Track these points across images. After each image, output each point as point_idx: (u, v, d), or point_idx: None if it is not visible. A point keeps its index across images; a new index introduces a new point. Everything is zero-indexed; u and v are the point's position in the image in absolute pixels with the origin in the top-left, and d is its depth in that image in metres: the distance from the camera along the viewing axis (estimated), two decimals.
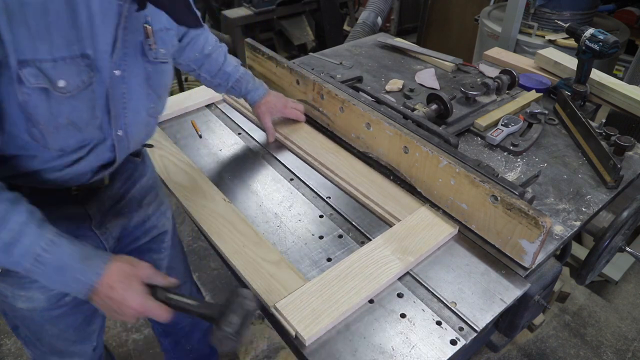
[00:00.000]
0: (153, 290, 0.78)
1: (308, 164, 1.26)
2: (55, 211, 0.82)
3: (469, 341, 0.81)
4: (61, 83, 0.70)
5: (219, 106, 1.53)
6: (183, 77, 3.54)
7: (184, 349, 1.47)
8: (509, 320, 1.04)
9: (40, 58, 0.66)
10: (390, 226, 1.03)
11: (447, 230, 1.01)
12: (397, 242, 0.97)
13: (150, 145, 1.11)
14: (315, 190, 1.17)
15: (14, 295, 0.92)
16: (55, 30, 0.66)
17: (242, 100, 1.51)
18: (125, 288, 0.75)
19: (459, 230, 1.03)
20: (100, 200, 0.94)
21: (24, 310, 0.94)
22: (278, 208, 1.11)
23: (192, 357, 1.50)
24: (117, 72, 0.78)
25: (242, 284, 0.96)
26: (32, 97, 0.69)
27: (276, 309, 0.84)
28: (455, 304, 0.87)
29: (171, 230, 1.20)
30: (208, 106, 1.54)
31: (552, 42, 2.18)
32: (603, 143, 1.20)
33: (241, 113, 1.49)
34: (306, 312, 0.83)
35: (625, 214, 1.05)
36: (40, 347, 1.04)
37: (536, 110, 1.38)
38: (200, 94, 1.55)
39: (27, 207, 0.72)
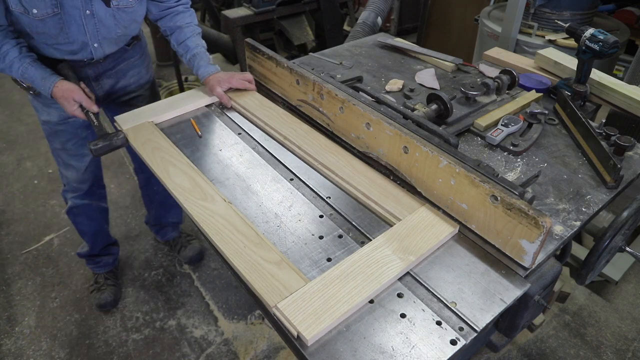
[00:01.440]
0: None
1: (308, 164, 1.26)
2: (65, 64, 1.46)
3: (469, 341, 0.81)
4: (34, 11, 1.26)
5: (218, 106, 1.53)
6: (183, 77, 3.54)
7: (152, 189, 2.04)
8: (509, 320, 1.04)
9: None
10: (391, 226, 1.03)
11: (448, 229, 1.01)
12: (397, 242, 0.97)
13: (138, 39, 1.64)
14: (315, 190, 1.17)
15: (41, 110, 1.57)
16: None
17: (241, 101, 1.51)
18: (68, 88, 1.39)
19: (459, 230, 1.03)
20: (97, 66, 1.54)
21: (45, 122, 1.60)
22: (278, 208, 1.11)
23: (157, 199, 2.09)
24: (87, 12, 1.34)
25: (243, 284, 0.96)
26: (17, 14, 1.28)
27: (277, 309, 0.84)
28: (455, 304, 0.87)
29: (148, 95, 1.79)
30: (208, 106, 1.54)
31: (552, 42, 2.18)
32: (603, 143, 1.20)
33: (241, 114, 1.49)
34: (308, 313, 0.83)
35: (625, 214, 1.05)
36: (56, 153, 1.70)
37: (536, 110, 1.38)
38: (200, 94, 1.55)
39: (20, 48, 1.35)
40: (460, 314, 0.86)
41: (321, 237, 1.03)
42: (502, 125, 1.33)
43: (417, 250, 0.95)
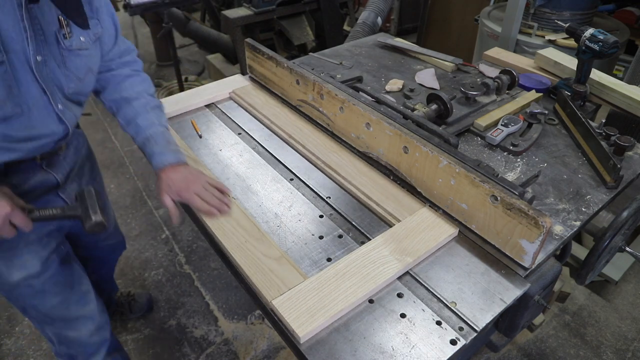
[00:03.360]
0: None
1: (311, 163, 1.26)
2: (28, 179, 1.03)
3: (468, 341, 0.81)
4: None
5: (218, 106, 1.53)
6: (183, 77, 3.54)
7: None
8: (508, 320, 1.04)
9: None
10: (391, 226, 1.03)
11: (447, 231, 1.00)
12: (396, 243, 0.97)
13: (88, 114, 1.29)
14: (315, 190, 1.17)
15: (8, 268, 1.06)
16: None
17: (247, 98, 1.51)
18: None
19: (458, 231, 1.03)
20: (62, 166, 1.12)
21: (21, 282, 1.09)
22: (278, 208, 1.11)
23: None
24: (39, 58, 0.91)
25: (243, 283, 0.96)
26: None
27: (273, 305, 0.85)
28: (455, 303, 0.88)
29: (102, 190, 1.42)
30: (208, 106, 1.54)
31: (552, 42, 2.18)
32: (603, 143, 1.20)
33: (247, 110, 1.49)
34: (302, 310, 0.83)
35: (625, 214, 1.05)
36: (50, 322, 1.19)
37: (536, 110, 1.39)
38: (200, 94, 1.55)
39: None
40: (460, 314, 0.86)
41: (321, 237, 1.03)
42: (502, 125, 1.33)
43: (414, 251, 0.95)
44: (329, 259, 0.98)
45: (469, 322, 0.84)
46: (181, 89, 3.47)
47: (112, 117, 1.26)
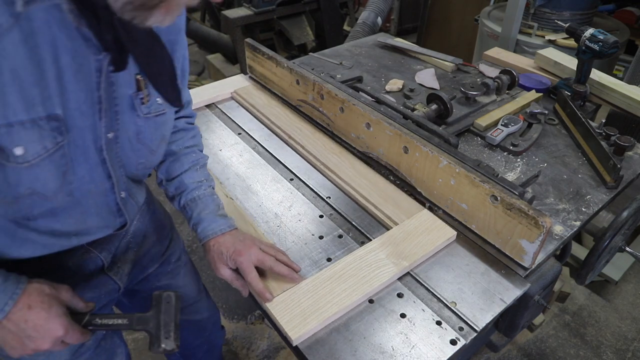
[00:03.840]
0: (73, 315, 0.74)
1: (310, 164, 1.26)
2: (68, 260, 0.82)
3: (468, 341, 0.81)
4: (18, 151, 0.59)
5: (218, 106, 1.53)
6: None
7: None
8: (508, 320, 1.04)
9: None
10: (388, 229, 1.03)
11: (445, 235, 0.99)
12: (392, 246, 0.96)
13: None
14: (315, 190, 1.17)
15: (31, 358, 0.83)
16: (12, 91, 0.56)
17: (249, 98, 1.50)
18: (47, 308, 0.69)
19: (459, 231, 1.03)
20: (109, 247, 0.90)
21: None
22: (278, 208, 1.11)
23: None
24: (110, 135, 0.71)
25: None
26: None
27: (267, 308, 0.85)
28: (455, 303, 0.88)
29: (180, 248, 1.15)
30: (208, 106, 1.54)
31: (552, 42, 2.18)
32: (603, 143, 1.20)
33: (248, 111, 1.49)
34: (296, 313, 0.83)
35: (625, 214, 1.05)
36: None
37: (536, 110, 1.39)
38: (200, 94, 1.55)
39: None
40: (460, 314, 0.86)
41: (321, 237, 1.03)
42: (502, 125, 1.33)
43: (411, 255, 0.94)
44: (329, 259, 0.98)
45: (469, 322, 0.84)
46: None
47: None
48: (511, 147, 1.28)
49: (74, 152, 0.67)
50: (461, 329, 0.83)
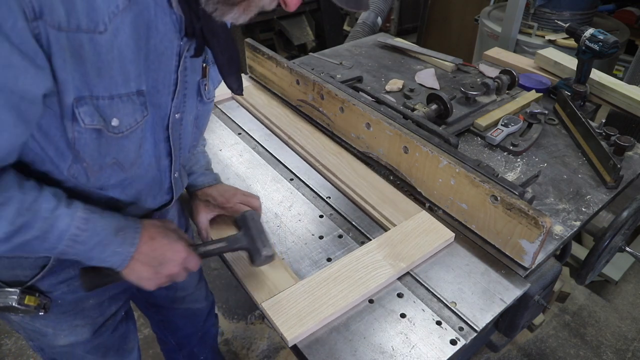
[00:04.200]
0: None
1: (309, 164, 1.26)
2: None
3: (468, 341, 0.81)
4: (115, 122, 0.66)
5: (218, 106, 1.53)
6: None
7: (198, 359, 1.45)
8: (508, 320, 1.04)
9: (98, 95, 0.62)
10: (387, 230, 1.03)
11: (444, 237, 0.99)
12: (390, 248, 0.96)
13: None
14: (315, 190, 1.17)
15: (55, 333, 0.90)
16: (117, 66, 0.61)
17: (250, 98, 1.50)
18: (166, 236, 0.78)
19: (459, 232, 1.03)
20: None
21: (65, 347, 0.93)
22: (278, 208, 1.11)
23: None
24: (177, 115, 0.76)
25: (236, 280, 0.96)
26: (83, 136, 0.65)
27: (262, 308, 0.84)
28: (455, 303, 0.88)
29: (191, 239, 1.20)
30: None
31: (552, 42, 2.18)
32: (603, 143, 1.20)
33: (248, 111, 1.49)
34: (291, 313, 0.83)
35: (625, 214, 1.05)
36: None
37: (536, 110, 1.39)
38: None
39: (51, 191, 0.68)
40: (460, 314, 0.86)
41: (321, 237, 1.03)
42: (502, 125, 1.33)
43: (408, 257, 0.94)
44: (329, 259, 0.98)
45: (469, 322, 0.84)
46: None
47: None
48: (511, 147, 1.28)
49: (147, 126, 0.73)
50: (461, 329, 0.83)
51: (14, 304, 0.78)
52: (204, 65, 0.78)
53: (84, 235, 0.69)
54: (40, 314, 0.82)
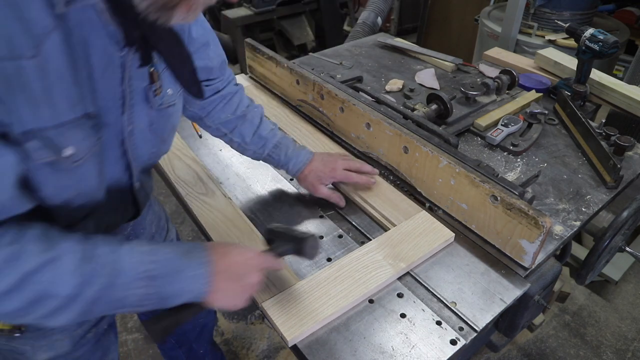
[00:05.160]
0: None
1: None
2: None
3: (469, 341, 0.81)
4: (68, 151, 0.61)
5: None
6: None
7: (198, 353, 1.45)
8: (508, 320, 1.04)
9: (44, 126, 0.57)
10: (386, 230, 1.02)
11: (444, 237, 0.98)
12: (390, 248, 0.95)
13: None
14: None
15: (34, 349, 0.86)
16: (58, 92, 0.57)
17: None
18: (234, 247, 0.76)
19: (458, 231, 1.03)
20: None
21: None
22: None
23: None
24: (129, 128, 0.72)
25: None
26: (37, 173, 0.60)
27: (262, 308, 0.84)
28: (455, 303, 0.88)
29: (175, 239, 1.24)
30: None
31: (552, 42, 2.18)
32: (603, 143, 1.20)
33: None
34: (291, 313, 0.83)
35: (625, 214, 1.05)
36: None
37: (536, 110, 1.39)
38: None
39: (98, 238, 0.64)
40: (460, 314, 0.86)
41: (321, 237, 1.03)
42: (502, 125, 1.33)
43: (408, 257, 0.94)
44: (329, 259, 0.98)
45: (469, 322, 0.84)
46: None
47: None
48: (511, 147, 1.28)
49: (104, 147, 0.69)
50: (461, 329, 0.83)
51: None
52: (152, 70, 0.72)
53: (157, 267, 0.65)
54: (16, 335, 0.78)
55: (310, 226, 1.06)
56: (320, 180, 1.07)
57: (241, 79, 1.65)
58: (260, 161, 1.13)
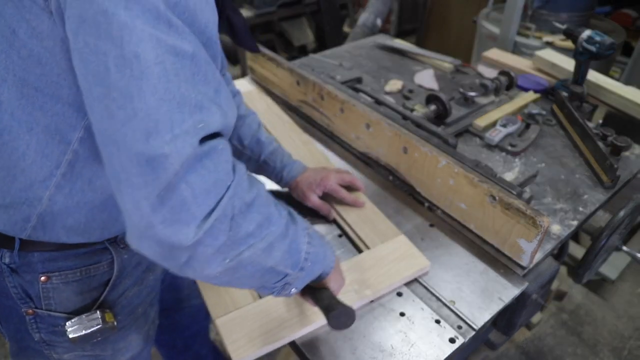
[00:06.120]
0: None
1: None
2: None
3: (467, 339, 0.82)
4: None
5: None
6: None
7: (200, 354, 1.44)
8: (507, 319, 1.05)
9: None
10: (361, 252, 0.97)
11: (418, 265, 0.92)
12: (359, 272, 0.90)
13: None
14: None
15: (114, 352, 0.86)
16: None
17: (250, 105, 1.45)
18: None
19: (457, 231, 1.04)
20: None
21: None
22: None
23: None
24: None
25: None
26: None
27: (216, 325, 0.82)
28: (454, 302, 0.89)
29: None
30: None
31: (549, 44, 2.19)
32: (600, 143, 1.21)
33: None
34: (243, 333, 0.80)
35: (621, 213, 1.06)
36: None
37: (534, 111, 1.40)
38: None
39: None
40: (458, 313, 0.87)
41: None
42: (500, 125, 1.34)
43: (376, 284, 0.88)
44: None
45: (467, 320, 0.85)
46: None
47: None
48: (509, 148, 1.29)
49: None
50: (460, 327, 0.84)
51: (98, 326, 0.76)
52: None
53: (309, 226, 0.68)
54: (108, 332, 0.79)
55: None
56: (311, 188, 1.04)
57: (243, 82, 1.66)
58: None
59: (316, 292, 0.73)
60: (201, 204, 0.48)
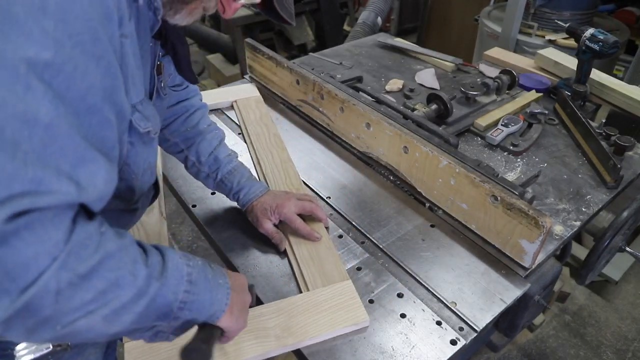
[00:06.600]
0: None
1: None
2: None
3: (469, 341, 0.81)
4: (148, 125, 0.67)
5: (219, 106, 1.53)
6: None
7: None
8: (509, 320, 1.04)
9: (137, 101, 0.63)
10: (300, 292, 0.89)
11: (354, 319, 0.82)
12: (287, 317, 0.82)
13: None
14: (315, 190, 1.17)
15: None
16: (136, 72, 0.62)
17: (244, 112, 1.43)
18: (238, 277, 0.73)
19: (459, 231, 1.03)
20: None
21: None
22: None
23: None
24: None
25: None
26: (134, 146, 0.65)
27: (124, 348, 0.77)
28: (455, 304, 0.88)
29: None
30: None
31: (552, 42, 2.18)
32: (603, 143, 1.20)
33: (238, 125, 1.49)
34: None
35: (625, 214, 1.05)
36: None
37: (536, 110, 1.39)
38: (204, 98, 1.54)
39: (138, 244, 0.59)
40: (460, 314, 0.86)
41: None
42: (502, 125, 1.33)
43: (301, 333, 0.80)
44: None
45: (469, 322, 0.84)
46: None
47: None
48: (511, 147, 1.28)
49: None
50: (461, 329, 0.83)
51: (48, 350, 0.73)
52: (159, 63, 0.76)
53: (193, 272, 0.61)
54: (59, 351, 0.76)
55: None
56: (265, 213, 0.97)
57: (243, 86, 1.64)
58: (250, 166, 1.09)
59: (203, 326, 0.65)
60: (16, 278, 0.44)
